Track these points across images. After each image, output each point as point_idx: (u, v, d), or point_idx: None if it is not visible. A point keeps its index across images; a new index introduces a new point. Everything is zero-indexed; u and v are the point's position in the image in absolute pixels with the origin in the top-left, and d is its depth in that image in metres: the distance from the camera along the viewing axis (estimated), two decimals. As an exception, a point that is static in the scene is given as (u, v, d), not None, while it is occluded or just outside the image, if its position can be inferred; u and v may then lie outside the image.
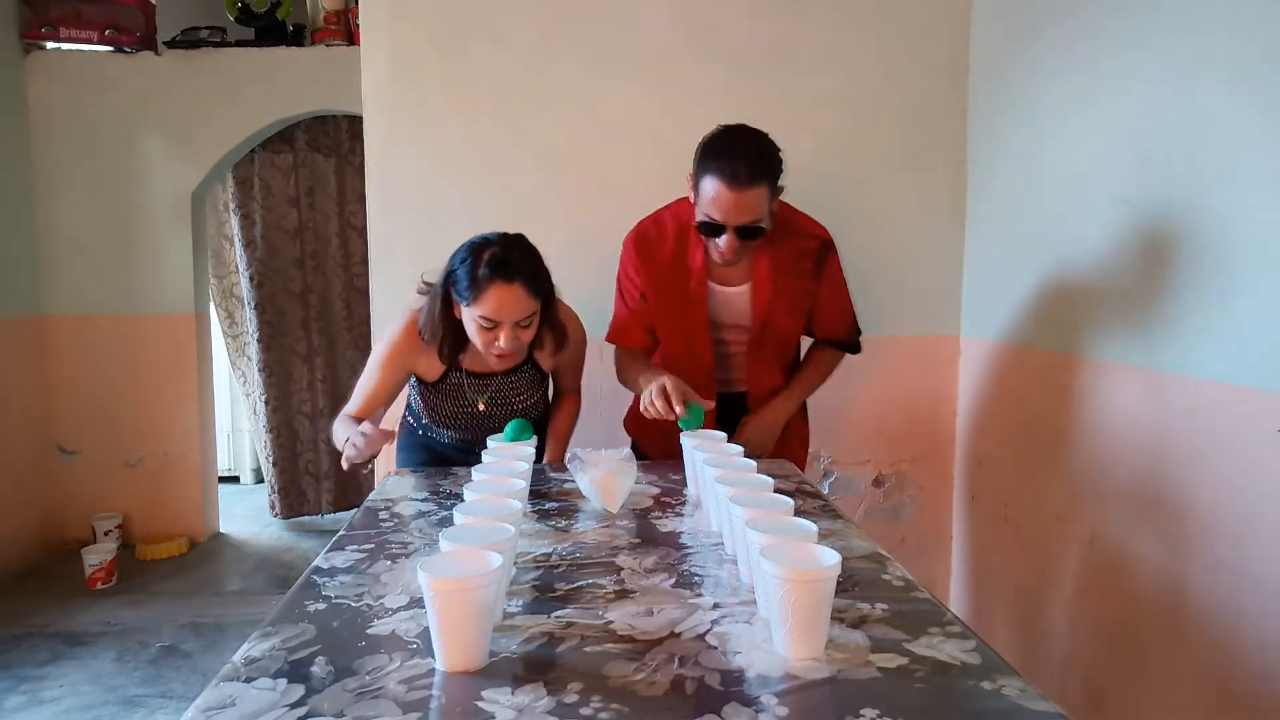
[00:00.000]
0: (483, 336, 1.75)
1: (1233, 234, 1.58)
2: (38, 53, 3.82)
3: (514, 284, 1.70)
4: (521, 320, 1.74)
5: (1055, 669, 2.16)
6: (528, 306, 1.73)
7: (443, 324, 1.80)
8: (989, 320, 2.56)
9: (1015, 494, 2.41)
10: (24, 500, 3.81)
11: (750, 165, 1.72)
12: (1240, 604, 1.57)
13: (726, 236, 1.77)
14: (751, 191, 1.72)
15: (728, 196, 1.72)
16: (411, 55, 2.62)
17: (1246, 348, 1.55)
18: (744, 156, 1.73)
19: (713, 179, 1.74)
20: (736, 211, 1.74)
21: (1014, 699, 0.87)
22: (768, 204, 1.77)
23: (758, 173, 1.73)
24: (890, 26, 2.63)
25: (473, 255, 1.73)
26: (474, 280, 1.71)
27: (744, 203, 1.73)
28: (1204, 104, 1.65)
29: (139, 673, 2.82)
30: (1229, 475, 1.60)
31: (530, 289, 1.73)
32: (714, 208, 1.75)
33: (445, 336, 1.82)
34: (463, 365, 1.90)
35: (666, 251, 1.95)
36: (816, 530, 1.08)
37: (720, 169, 1.72)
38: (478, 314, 1.72)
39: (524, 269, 1.73)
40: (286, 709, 0.85)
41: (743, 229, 1.76)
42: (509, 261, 1.71)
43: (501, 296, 1.70)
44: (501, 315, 1.71)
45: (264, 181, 4.20)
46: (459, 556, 0.99)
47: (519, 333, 1.75)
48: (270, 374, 4.28)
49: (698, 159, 1.80)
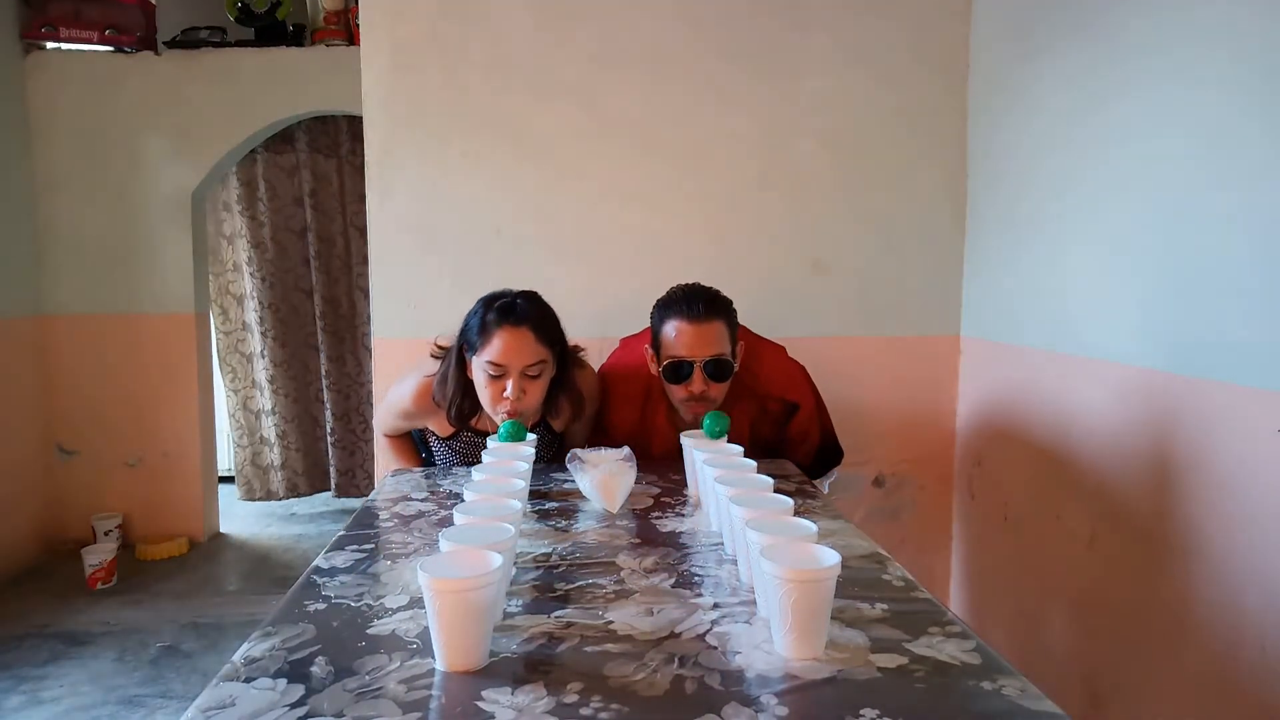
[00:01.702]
0: (491, 389, 1.74)
1: (1232, 234, 1.58)
2: (38, 53, 3.82)
3: (521, 328, 1.72)
4: (529, 368, 1.73)
5: (1055, 669, 2.16)
6: (535, 352, 1.73)
7: (455, 383, 1.81)
8: (989, 320, 2.56)
9: (1015, 494, 2.41)
10: (24, 500, 3.81)
11: (706, 302, 1.85)
12: (1240, 604, 1.57)
13: (695, 374, 1.84)
14: (712, 324, 1.84)
15: (690, 330, 1.83)
16: (411, 55, 2.62)
17: (1246, 348, 1.55)
18: (699, 296, 1.86)
19: (673, 321, 1.86)
20: (701, 343, 1.83)
21: (1014, 699, 0.87)
22: (729, 342, 1.87)
23: (714, 308, 1.85)
24: (890, 26, 2.63)
25: (484, 306, 1.77)
26: (483, 326, 1.73)
27: (706, 335, 1.83)
28: (1203, 105, 1.65)
29: (139, 673, 2.82)
30: (1229, 475, 1.60)
31: (538, 335, 1.73)
32: (679, 345, 1.84)
33: (455, 398, 1.82)
34: (473, 425, 1.90)
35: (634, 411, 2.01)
36: (816, 530, 1.08)
37: (678, 310, 1.86)
38: (485, 360, 1.72)
39: (532, 315, 1.75)
40: (286, 709, 0.85)
41: (710, 364, 1.83)
42: (516, 307, 1.74)
43: (508, 340, 1.71)
44: (508, 359, 1.71)
45: (269, 183, 4.24)
46: (459, 556, 0.99)
47: (526, 384, 1.73)
48: (286, 368, 4.55)
49: (655, 316, 1.91)
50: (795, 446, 2.07)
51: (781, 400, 2.02)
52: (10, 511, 3.70)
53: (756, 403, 2.00)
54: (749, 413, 1.99)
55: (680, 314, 1.85)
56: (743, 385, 1.95)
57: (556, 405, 1.87)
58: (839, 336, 2.68)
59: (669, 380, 1.87)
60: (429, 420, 1.91)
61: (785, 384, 2.03)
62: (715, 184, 2.67)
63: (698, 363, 1.83)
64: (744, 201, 2.67)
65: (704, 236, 2.67)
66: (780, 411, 2.03)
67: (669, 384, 1.88)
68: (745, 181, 2.67)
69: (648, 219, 2.66)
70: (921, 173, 2.68)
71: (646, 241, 2.66)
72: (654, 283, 2.01)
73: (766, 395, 2.01)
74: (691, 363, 1.83)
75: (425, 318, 2.61)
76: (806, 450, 2.10)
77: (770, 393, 2.01)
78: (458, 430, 1.90)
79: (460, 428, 1.89)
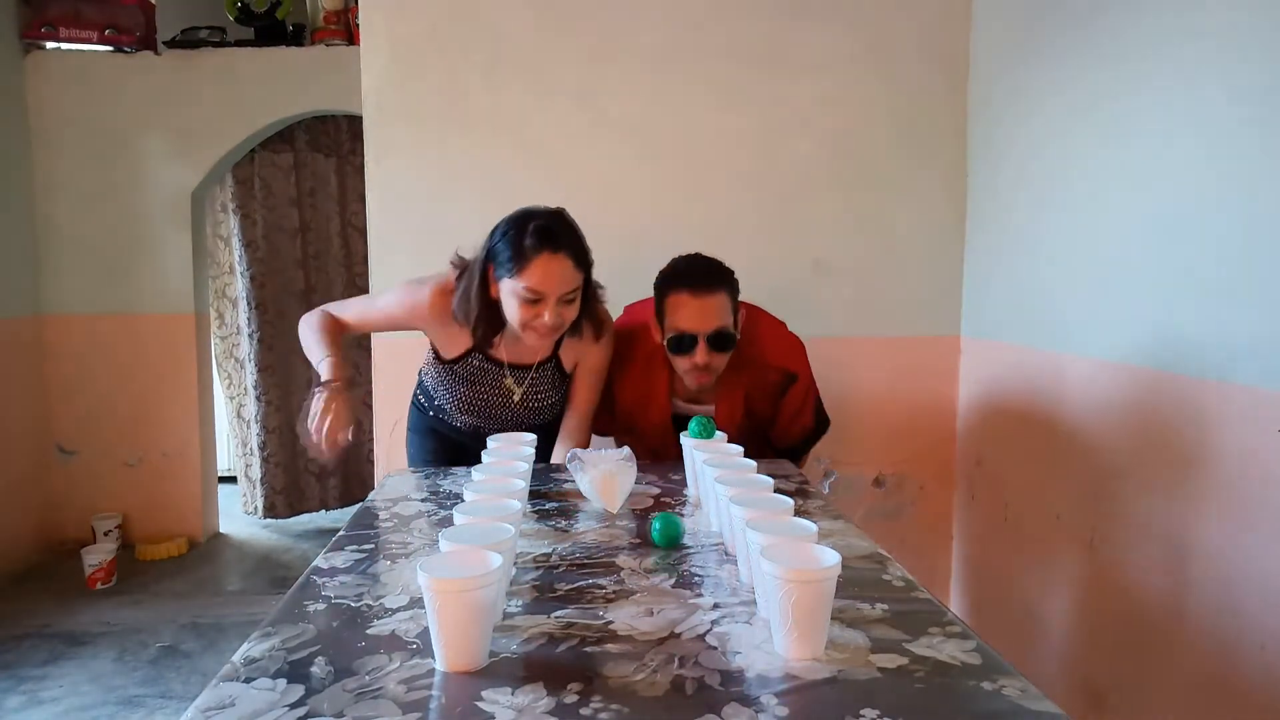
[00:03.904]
0: (524, 312, 1.68)
1: (1232, 233, 1.58)
2: (38, 53, 3.82)
3: (560, 254, 1.66)
4: (567, 294, 1.69)
5: (1055, 669, 2.16)
6: (574, 279, 1.69)
7: (479, 304, 1.74)
8: (989, 320, 2.56)
9: (1015, 494, 2.41)
10: (24, 500, 3.80)
11: (709, 274, 1.86)
12: (1240, 604, 1.57)
13: (699, 347, 1.83)
14: (715, 296, 1.84)
15: (694, 303, 1.83)
16: (411, 55, 2.62)
17: (1246, 347, 1.55)
18: (702, 268, 1.88)
19: (677, 293, 1.86)
20: (705, 316, 1.83)
21: (1014, 699, 0.87)
22: (731, 313, 1.87)
23: (717, 280, 1.86)
24: (890, 26, 2.63)
25: (515, 228, 1.67)
26: (519, 251, 1.65)
27: (710, 307, 1.83)
28: (1203, 104, 1.65)
29: (139, 673, 2.82)
30: (1229, 475, 1.60)
31: (576, 260, 1.69)
32: (683, 318, 1.84)
33: (480, 318, 1.75)
34: (489, 352, 1.85)
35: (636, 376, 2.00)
36: (816, 530, 1.08)
37: (681, 282, 1.86)
38: (523, 286, 1.65)
39: (570, 240, 1.69)
40: (286, 709, 0.85)
41: (714, 337, 1.84)
42: (555, 231, 1.67)
43: (549, 267, 1.64)
44: (548, 287, 1.65)
45: (264, 181, 4.20)
46: (459, 556, 0.99)
47: (563, 309, 1.69)
48: (272, 373, 4.29)
49: (658, 287, 1.92)
50: (788, 423, 2.05)
51: (780, 370, 2.00)
52: (10, 511, 3.70)
53: (754, 372, 1.98)
54: (744, 382, 1.98)
55: (684, 286, 1.85)
56: (740, 354, 1.94)
57: (579, 325, 1.81)
58: (839, 336, 2.68)
59: (673, 352, 1.88)
60: (436, 330, 1.83)
61: (784, 353, 2.02)
62: (715, 183, 2.67)
63: (701, 335, 1.83)
64: (744, 201, 2.67)
65: (703, 235, 2.65)
66: (777, 382, 2.01)
67: (672, 355, 1.89)
68: (745, 181, 2.67)
69: (647, 218, 2.66)
70: (921, 173, 2.68)
71: (646, 240, 2.65)
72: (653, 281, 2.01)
73: (765, 364, 1.99)
74: (695, 335, 1.83)
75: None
76: (799, 430, 2.08)
77: (769, 361, 2.00)
78: (467, 353, 1.84)
79: (479, 349, 1.83)
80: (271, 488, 4.32)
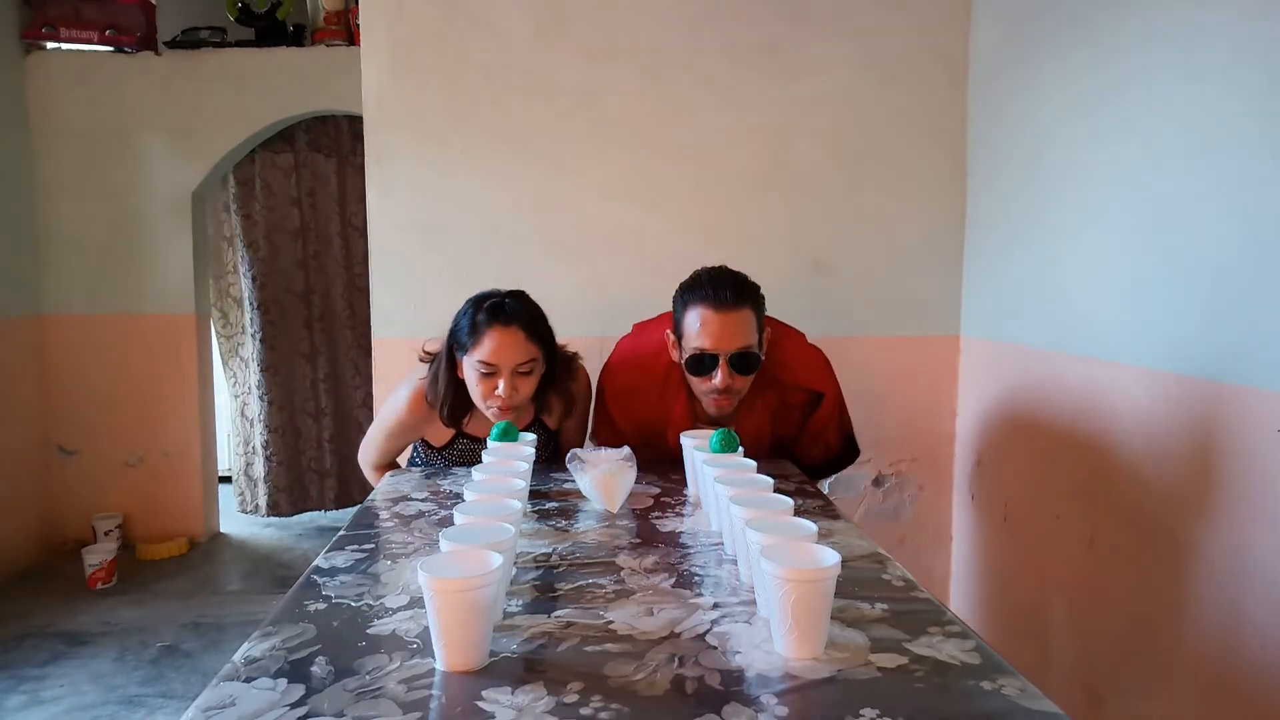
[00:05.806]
0: (482, 386, 1.76)
1: (1232, 232, 1.58)
2: (38, 53, 3.82)
3: (511, 327, 1.73)
4: (520, 366, 1.74)
5: (1055, 669, 2.16)
6: (526, 351, 1.75)
7: (446, 384, 1.82)
8: (989, 320, 2.56)
9: (1015, 494, 2.41)
10: (24, 500, 3.81)
11: (734, 288, 1.72)
12: (1240, 604, 1.57)
13: (720, 368, 1.71)
14: (739, 312, 1.71)
15: (716, 320, 1.70)
16: (411, 55, 2.62)
17: (1246, 347, 1.55)
18: (726, 282, 1.73)
19: (697, 308, 1.73)
20: (727, 335, 1.70)
21: (1014, 699, 0.87)
22: (756, 331, 1.75)
23: (742, 295, 1.73)
24: (890, 26, 2.63)
25: (473, 306, 1.78)
26: (473, 326, 1.75)
27: (733, 325, 1.70)
28: (1203, 102, 1.65)
29: (139, 672, 2.82)
30: (1229, 475, 1.60)
31: (528, 333, 1.75)
32: (703, 336, 1.71)
33: (447, 397, 1.82)
34: (466, 429, 1.91)
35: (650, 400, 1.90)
36: (816, 530, 1.08)
37: (704, 296, 1.72)
38: (476, 360, 1.74)
39: (522, 314, 1.76)
40: (286, 709, 0.85)
41: (736, 357, 1.71)
42: (506, 306, 1.75)
43: (499, 339, 1.72)
44: (499, 359, 1.73)
45: (265, 181, 4.21)
46: (459, 556, 0.99)
47: (518, 381, 1.75)
48: (275, 373, 4.31)
49: (678, 300, 1.80)
50: (811, 443, 1.96)
51: (806, 390, 1.90)
52: (10, 511, 3.70)
53: (779, 393, 1.88)
54: (770, 404, 1.88)
55: (706, 301, 1.72)
56: (765, 374, 1.82)
57: (547, 402, 1.90)
58: (839, 336, 2.68)
59: (691, 373, 1.76)
60: (425, 428, 1.92)
61: (809, 372, 1.92)
62: (715, 183, 2.67)
63: (723, 355, 1.71)
64: (744, 201, 2.67)
65: (703, 236, 2.67)
66: (803, 403, 1.91)
67: (691, 376, 1.78)
68: (745, 181, 2.67)
69: (647, 218, 2.66)
70: (921, 173, 2.68)
71: (646, 241, 2.66)
72: (654, 282, 2.01)
73: (790, 385, 1.89)
74: (716, 355, 1.71)
75: (425, 317, 2.61)
76: (821, 450, 1.99)
77: (795, 382, 1.89)
78: (452, 438, 1.91)
79: (454, 429, 1.89)
80: (275, 486, 4.36)
